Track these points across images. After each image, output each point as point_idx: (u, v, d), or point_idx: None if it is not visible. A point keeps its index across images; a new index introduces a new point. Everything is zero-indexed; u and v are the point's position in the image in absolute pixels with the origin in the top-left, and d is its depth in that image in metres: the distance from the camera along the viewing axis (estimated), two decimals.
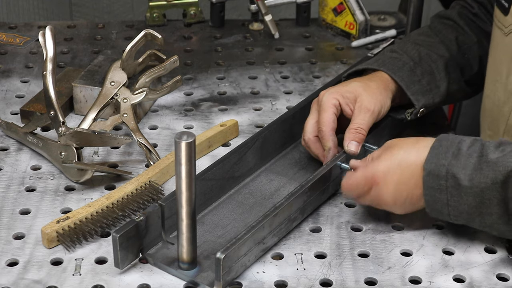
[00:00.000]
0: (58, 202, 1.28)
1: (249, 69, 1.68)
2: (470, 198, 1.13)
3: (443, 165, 1.14)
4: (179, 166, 1.05)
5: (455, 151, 1.14)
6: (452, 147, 1.15)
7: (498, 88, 1.33)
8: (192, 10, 1.85)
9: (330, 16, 1.82)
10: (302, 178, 1.32)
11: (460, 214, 1.16)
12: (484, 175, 1.12)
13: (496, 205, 1.12)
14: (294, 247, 1.20)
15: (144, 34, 1.45)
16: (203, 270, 1.14)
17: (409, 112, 1.36)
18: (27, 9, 2.35)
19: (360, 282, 1.14)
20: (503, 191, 1.11)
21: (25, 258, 1.17)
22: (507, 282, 1.15)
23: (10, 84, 1.60)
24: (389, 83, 1.35)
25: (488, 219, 1.14)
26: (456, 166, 1.13)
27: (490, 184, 1.11)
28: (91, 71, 1.52)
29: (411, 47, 1.41)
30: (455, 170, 1.13)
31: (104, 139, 1.31)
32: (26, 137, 1.39)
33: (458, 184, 1.13)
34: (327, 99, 1.30)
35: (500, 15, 1.32)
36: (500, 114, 1.33)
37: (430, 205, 1.17)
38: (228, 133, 1.43)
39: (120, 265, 1.13)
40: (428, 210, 1.18)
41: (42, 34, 1.33)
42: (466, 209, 1.15)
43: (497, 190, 1.11)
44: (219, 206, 1.27)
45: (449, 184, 1.14)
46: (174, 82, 1.49)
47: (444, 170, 1.14)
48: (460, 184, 1.13)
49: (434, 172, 1.14)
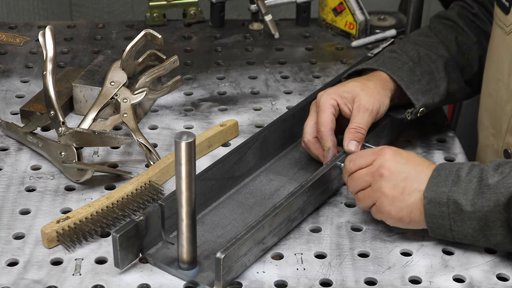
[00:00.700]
0: (58, 202, 1.28)
1: (249, 69, 1.67)
2: (474, 222, 1.14)
3: (443, 192, 1.14)
4: (179, 166, 1.05)
5: (454, 178, 1.15)
6: (451, 174, 1.15)
7: (500, 87, 1.34)
8: (192, 10, 1.85)
9: (330, 16, 1.82)
10: (302, 178, 1.32)
11: (464, 237, 1.16)
12: (486, 198, 1.12)
13: (500, 227, 1.13)
14: (294, 247, 1.20)
15: (144, 34, 1.45)
16: (203, 270, 1.14)
17: (409, 112, 1.36)
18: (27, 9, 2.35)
19: (360, 282, 1.14)
20: (506, 212, 1.12)
21: (25, 258, 1.17)
22: (507, 282, 1.15)
23: (10, 84, 1.60)
24: (388, 83, 1.35)
25: (493, 240, 1.15)
26: (457, 192, 1.14)
27: (493, 207, 1.12)
28: (91, 71, 1.52)
29: (411, 47, 1.41)
30: (456, 196, 1.14)
31: (104, 139, 1.31)
32: (26, 137, 1.39)
33: (461, 209, 1.13)
34: (325, 99, 1.31)
35: (501, 14, 1.32)
36: (503, 112, 1.33)
37: (433, 230, 1.18)
38: (228, 133, 1.43)
39: (120, 265, 1.13)
40: (431, 234, 1.19)
41: (42, 34, 1.33)
42: (470, 233, 1.15)
43: (500, 212, 1.12)
44: (219, 206, 1.27)
45: (451, 211, 1.14)
46: (174, 82, 1.49)
47: (445, 197, 1.14)
48: (463, 210, 1.13)
49: (435, 200, 1.15)
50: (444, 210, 1.14)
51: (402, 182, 1.17)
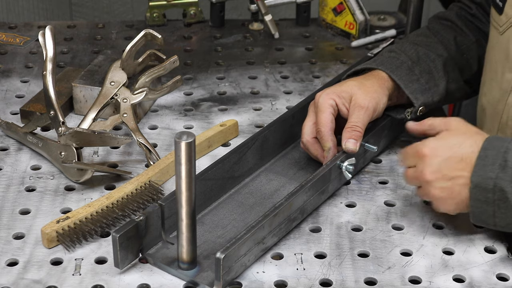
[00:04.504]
0: (58, 202, 1.28)
1: (249, 69, 1.68)
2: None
3: (490, 178, 1.14)
4: (179, 166, 1.05)
5: (502, 163, 1.14)
6: (498, 157, 1.14)
7: (493, 87, 1.34)
8: (192, 10, 1.85)
9: (330, 16, 1.82)
10: (302, 178, 1.32)
11: (506, 225, 1.16)
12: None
13: None
14: (294, 247, 1.20)
15: (144, 34, 1.45)
16: (203, 270, 1.14)
17: (409, 112, 1.36)
18: (27, 9, 2.35)
19: (360, 282, 1.14)
20: None
21: (25, 258, 1.17)
22: (507, 282, 1.15)
23: (10, 84, 1.60)
24: (386, 82, 1.35)
25: None
26: (503, 179, 1.13)
27: None
28: (91, 71, 1.52)
29: (409, 47, 1.42)
30: (502, 183, 1.13)
31: (104, 139, 1.31)
32: (26, 137, 1.39)
33: (506, 197, 1.13)
34: (324, 100, 1.31)
35: (495, 15, 1.33)
36: (495, 112, 1.34)
37: (476, 215, 1.17)
38: (228, 133, 1.43)
39: (120, 265, 1.13)
40: (473, 220, 1.18)
41: (42, 34, 1.33)
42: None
43: None
44: (219, 206, 1.27)
45: (497, 197, 1.14)
46: (174, 82, 1.49)
47: (491, 183, 1.14)
48: (508, 198, 1.13)
49: (481, 185, 1.14)
50: (489, 196, 1.14)
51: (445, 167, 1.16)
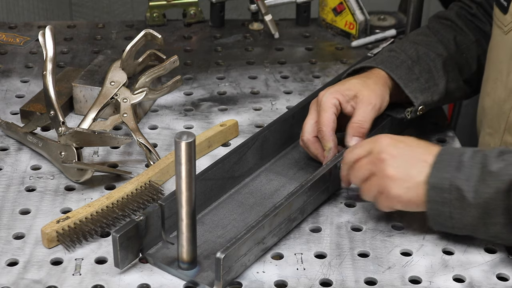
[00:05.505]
0: (58, 202, 1.28)
1: (249, 69, 1.68)
2: (473, 210, 1.13)
3: (446, 178, 1.14)
4: (179, 166, 1.05)
5: (457, 164, 1.14)
6: (453, 159, 1.15)
7: (498, 86, 1.34)
8: (192, 10, 1.85)
9: (330, 16, 1.82)
10: (302, 178, 1.32)
11: (464, 226, 1.16)
12: (487, 185, 1.12)
13: (500, 215, 1.12)
14: (294, 247, 1.20)
15: (144, 34, 1.45)
16: (203, 270, 1.14)
17: (409, 111, 1.36)
18: (27, 9, 2.35)
19: (360, 282, 1.14)
20: (506, 200, 1.11)
21: (25, 258, 1.17)
22: (507, 282, 1.15)
23: (10, 84, 1.60)
24: (387, 80, 1.35)
25: (492, 229, 1.14)
26: (459, 178, 1.13)
27: (494, 194, 1.11)
28: (91, 71, 1.52)
29: (409, 46, 1.42)
30: (458, 182, 1.13)
31: (104, 139, 1.31)
32: (26, 137, 1.39)
33: (462, 196, 1.13)
34: (327, 99, 1.30)
35: (499, 14, 1.32)
36: (501, 111, 1.34)
37: (433, 218, 1.17)
38: (228, 133, 1.43)
39: (120, 265, 1.13)
40: (431, 223, 1.18)
41: (42, 34, 1.33)
42: (470, 221, 1.15)
43: (500, 199, 1.11)
44: (219, 206, 1.27)
45: (453, 197, 1.14)
46: (174, 82, 1.49)
47: (447, 182, 1.14)
48: (464, 196, 1.13)
49: (438, 186, 1.14)
50: (446, 196, 1.14)
51: (405, 163, 1.16)
